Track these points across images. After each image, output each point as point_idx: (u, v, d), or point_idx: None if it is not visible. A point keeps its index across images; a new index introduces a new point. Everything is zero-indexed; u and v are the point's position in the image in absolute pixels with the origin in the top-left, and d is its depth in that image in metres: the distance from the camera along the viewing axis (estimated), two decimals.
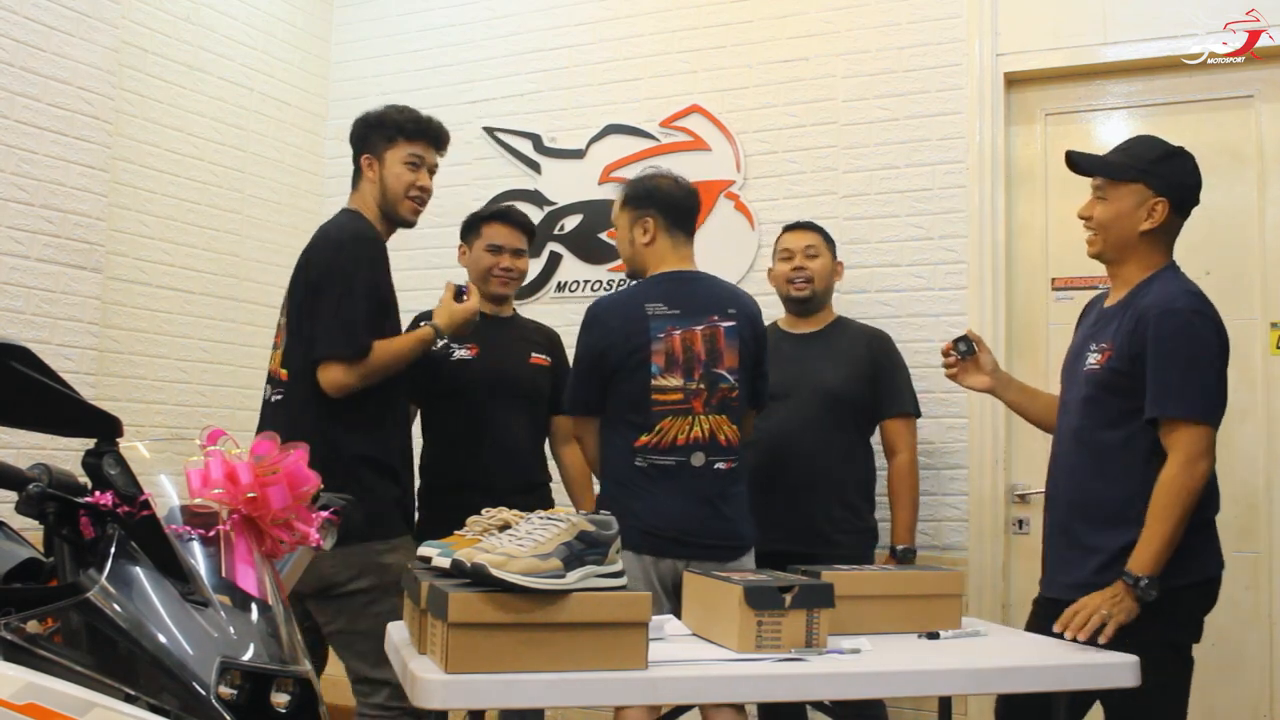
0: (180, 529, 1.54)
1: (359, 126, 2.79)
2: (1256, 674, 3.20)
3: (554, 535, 1.75)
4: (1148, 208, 2.30)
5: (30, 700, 1.31)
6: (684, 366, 2.60)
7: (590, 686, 1.71)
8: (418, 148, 2.74)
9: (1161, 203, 2.30)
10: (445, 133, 2.83)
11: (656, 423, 2.58)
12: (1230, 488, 3.25)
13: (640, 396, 2.59)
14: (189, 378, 3.86)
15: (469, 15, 4.32)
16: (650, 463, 2.58)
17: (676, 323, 2.62)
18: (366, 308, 2.55)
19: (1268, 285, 3.26)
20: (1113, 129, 3.49)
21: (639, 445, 2.59)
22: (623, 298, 2.77)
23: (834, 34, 3.73)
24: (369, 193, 2.75)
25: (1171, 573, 2.14)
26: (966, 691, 2.74)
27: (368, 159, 2.74)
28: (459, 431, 3.05)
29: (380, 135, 2.74)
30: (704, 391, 2.61)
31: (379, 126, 2.75)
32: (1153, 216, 2.30)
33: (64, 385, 1.49)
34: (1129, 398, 2.24)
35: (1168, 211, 2.30)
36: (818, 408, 3.09)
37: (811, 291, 3.19)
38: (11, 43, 3.11)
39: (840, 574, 2.21)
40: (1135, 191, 2.31)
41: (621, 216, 2.77)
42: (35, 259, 3.16)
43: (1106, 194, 2.35)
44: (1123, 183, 2.32)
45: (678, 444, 2.58)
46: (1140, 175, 2.31)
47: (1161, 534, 2.13)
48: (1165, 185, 2.31)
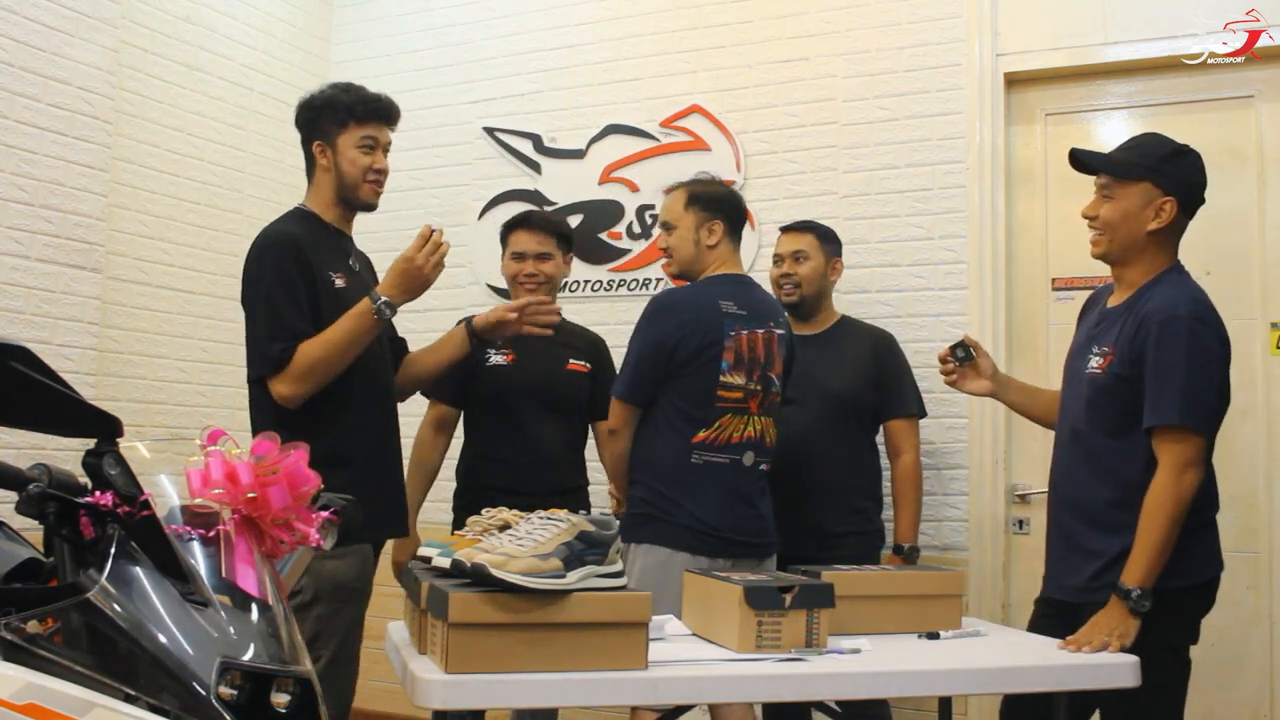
0: (180, 529, 1.54)
1: (305, 111, 2.67)
2: (1256, 674, 3.20)
3: (554, 535, 1.75)
4: (1155, 207, 2.27)
5: (30, 700, 1.31)
6: (748, 366, 2.66)
7: (590, 686, 1.71)
8: (370, 129, 2.64)
9: (1170, 202, 2.26)
10: (396, 109, 2.72)
11: (717, 419, 2.62)
12: (1230, 488, 3.25)
13: (706, 391, 2.62)
14: (189, 378, 3.86)
15: (469, 15, 4.32)
16: (705, 459, 2.61)
17: (744, 323, 2.67)
18: (274, 315, 2.45)
19: (1268, 285, 3.26)
20: (1113, 129, 3.49)
21: (696, 441, 2.61)
22: (693, 293, 2.75)
23: (834, 34, 3.73)
24: (324, 182, 2.65)
25: (1169, 575, 2.14)
26: (966, 691, 2.74)
27: (320, 146, 2.64)
28: (494, 437, 3.04)
29: (330, 120, 2.62)
30: (759, 393, 2.68)
31: (328, 110, 2.63)
32: (1160, 216, 2.27)
33: (64, 385, 1.49)
34: (1129, 403, 2.23)
35: (1176, 211, 2.27)
36: (823, 411, 3.08)
37: (800, 297, 3.18)
38: (11, 43, 3.11)
39: (840, 574, 2.21)
40: (1143, 190, 2.27)
41: (686, 216, 2.79)
42: (35, 259, 3.16)
43: (1113, 193, 2.31)
44: (1130, 181, 2.28)
45: (733, 441, 2.63)
46: (1148, 173, 2.27)
47: (1152, 544, 2.13)
48: (1173, 184, 2.27)
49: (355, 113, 2.62)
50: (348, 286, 2.56)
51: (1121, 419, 2.25)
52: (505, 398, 3.02)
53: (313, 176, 2.68)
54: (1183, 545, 2.16)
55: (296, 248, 2.52)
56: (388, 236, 4.30)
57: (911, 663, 1.96)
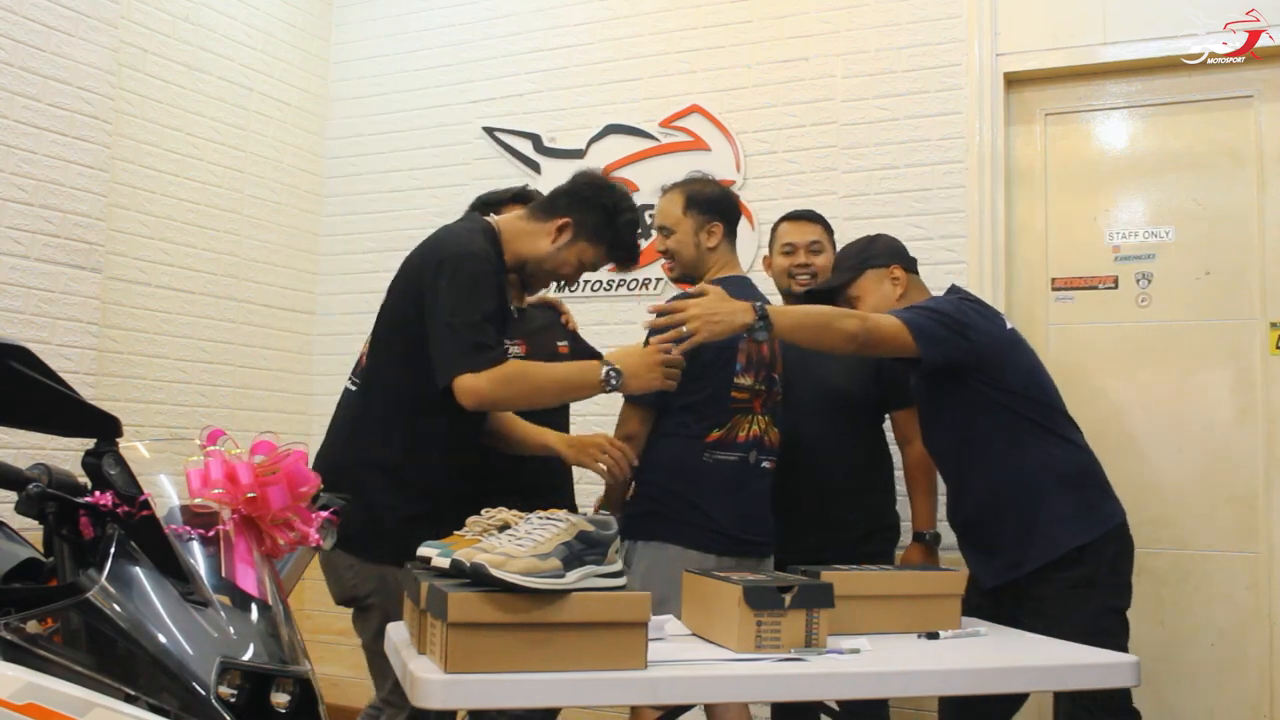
0: (180, 529, 1.54)
1: (592, 194, 2.52)
2: (1256, 674, 3.21)
3: (553, 535, 1.75)
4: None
5: (30, 700, 1.31)
6: (756, 367, 2.67)
7: (590, 686, 1.71)
8: (601, 263, 2.57)
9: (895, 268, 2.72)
10: (636, 260, 2.65)
11: (730, 419, 2.63)
12: (1230, 488, 3.27)
13: (721, 391, 2.62)
14: (189, 378, 3.87)
15: (469, 15, 4.32)
16: (715, 459, 2.62)
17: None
18: (491, 320, 2.34)
19: (1268, 285, 3.26)
20: (1113, 129, 3.50)
21: (710, 440, 2.62)
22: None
23: (834, 34, 3.74)
24: (536, 245, 2.49)
25: (1069, 538, 2.41)
26: (966, 691, 2.73)
27: (570, 227, 2.48)
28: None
29: (597, 225, 2.49)
30: (763, 393, 2.70)
31: (606, 221, 2.50)
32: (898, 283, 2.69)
33: (64, 385, 1.50)
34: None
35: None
36: (826, 408, 3.02)
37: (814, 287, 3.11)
38: (11, 42, 3.11)
39: (840, 574, 2.21)
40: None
41: (685, 220, 2.79)
42: (35, 259, 3.16)
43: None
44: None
45: (738, 440, 2.64)
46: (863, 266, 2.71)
47: (800, 315, 2.49)
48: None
49: (614, 251, 2.55)
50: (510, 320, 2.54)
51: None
52: None
53: (532, 223, 2.51)
54: (1057, 514, 2.42)
55: (495, 266, 2.42)
56: (388, 236, 4.33)
57: (911, 663, 1.96)
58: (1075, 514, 2.44)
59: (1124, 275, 3.43)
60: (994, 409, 2.49)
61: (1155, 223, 3.42)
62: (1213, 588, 3.27)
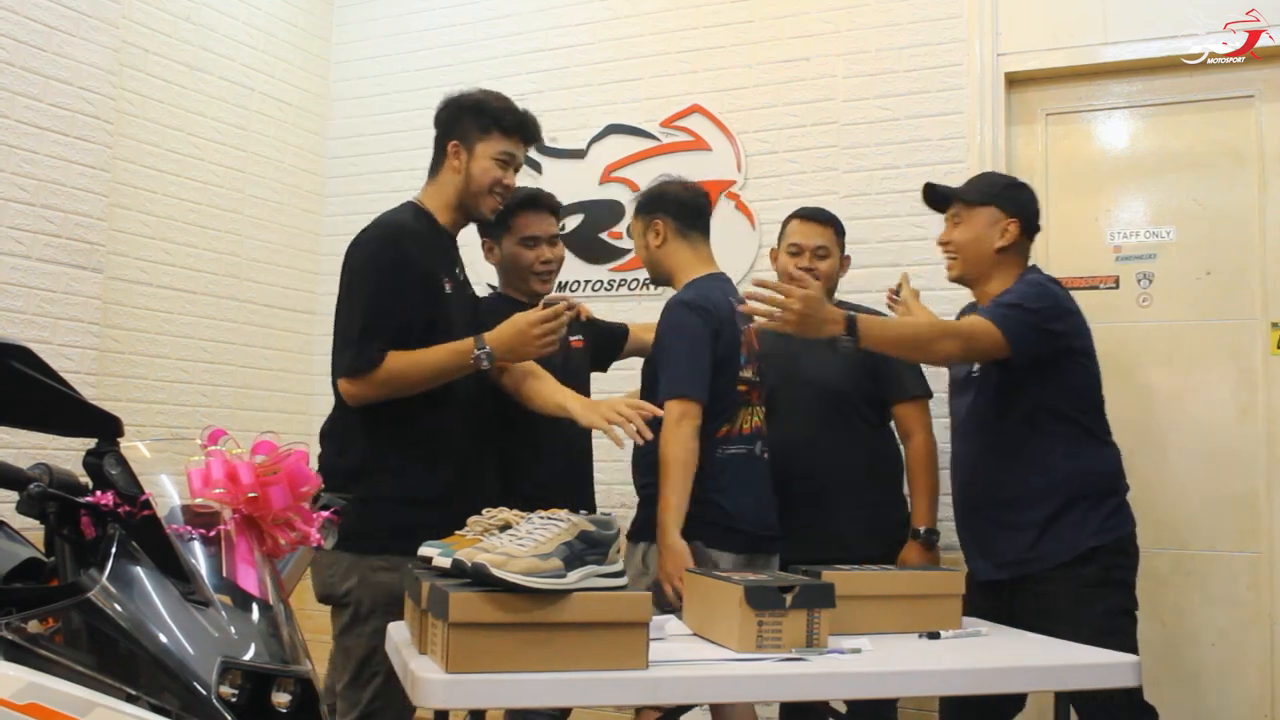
0: (181, 529, 1.54)
1: (451, 108, 2.57)
2: (1257, 674, 3.20)
3: (554, 535, 1.75)
4: (1000, 228, 2.60)
5: (32, 700, 1.31)
6: (754, 358, 2.70)
7: (590, 686, 1.71)
8: (512, 144, 2.53)
9: (1013, 223, 2.60)
10: (539, 129, 2.62)
11: (736, 412, 2.63)
12: (1230, 488, 3.27)
13: (728, 386, 2.61)
14: (190, 378, 3.87)
15: (469, 15, 4.32)
16: (727, 453, 2.61)
17: (744, 319, 2.67)
18: (376, 312, 2.36)
19: (1268, 285, 3.26)
20: (1113, 129, 3.50)
21: (720, 435, 2.60)
22: (709, 290, 2.67)
23: (834, 34, 3.74)
24: (449, 183, 2.52)
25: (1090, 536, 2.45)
26: (967, 691, 2.73)
27: (455, 145, 2.52)
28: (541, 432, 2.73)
29: (474, 123, 2.52)
30: (759, 384, 2.72)
31: (475, 113, 2.53)
32: (1005, 236, 2.60)
33: (65, 385, 1.50)
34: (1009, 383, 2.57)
35: (1018, 232, 2.61)
36: (820, 407, 3.00)
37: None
38: (12, 42, 3.12)
39: (840, 574, 2.21)
40: (989, 213, 2.61)
41: (635, 225, 2.79)
42: (36, 259, 3.16)
43: (961, 218, 2.65)
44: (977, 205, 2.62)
45: (744, 433, 2.64)
46: (992, 199, 2.61)
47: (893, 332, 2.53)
48: (1016, 208, 2.62)
49: (503, 123, 2.53)
50: (453, 294, 2.50)
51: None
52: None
53: (436, 174, 2.56)
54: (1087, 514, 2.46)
55: (411, 243, 2.43)
56: None
57: (912, 663, 1.96)
58: (1101, 517, 2.47)
59: (1125, 275, 3.43)
60: (1056, 408, 2.52)
61: (1156, 223, 3.42)
62: (1213, 588, 3.27)
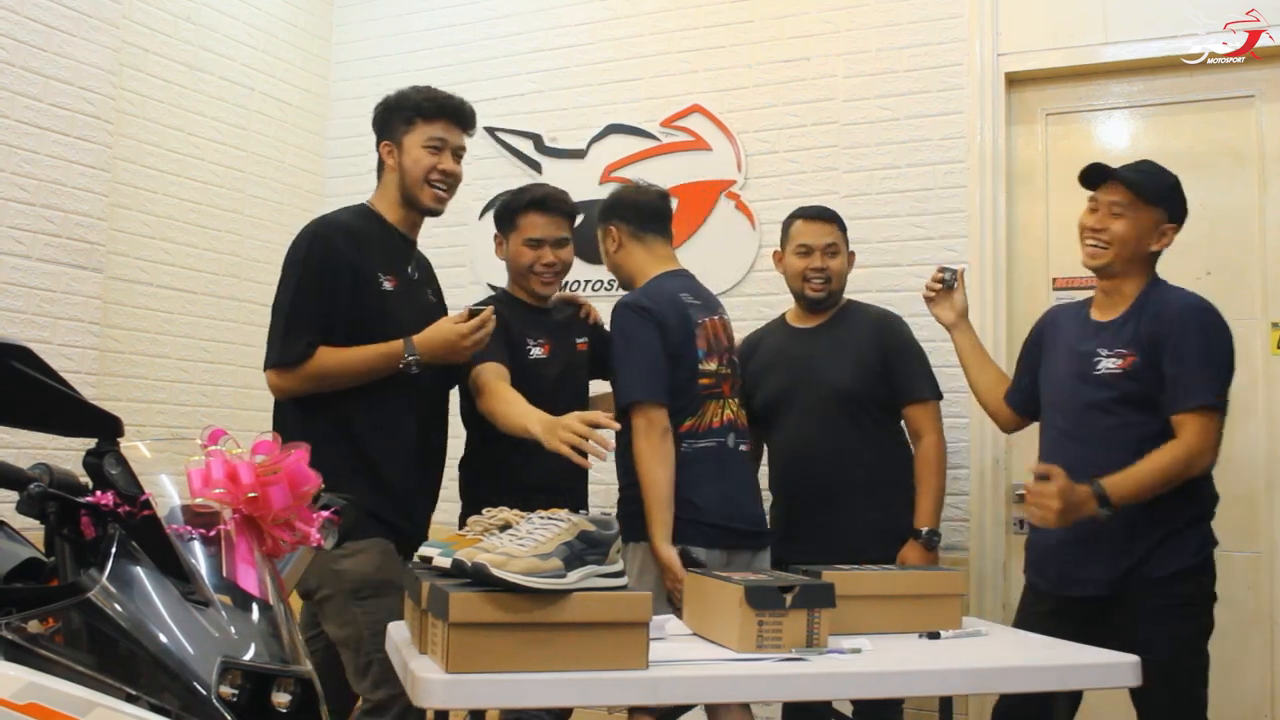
0: (181, 529, 1.54)
1: (379, 112, 2.65)
2: (1257, 674, 3.20)
3: (554, 535, 1.75)
4: (1161, 230, 2.50)
5: (31, 700, 1.31)
6: (717, 352, 2.68)
7: (590, 686, 1.71)
8: (437, 129, 2.57)
9: (1173, 228, 2.51)
10: (469, 111, 2.65)
11: (700, 406, 2.61)
12: (1230, 488, 3.25)
13: (687, 381, 2.61)
14: (190, 377, 3.87)
15: (469, 15, 4.32)
16: (694, 447, 2.59)
17: (703, 312, 2.68)
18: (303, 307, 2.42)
19: (1268, 285, 3.26)
20: (1113, 129, 3.50)
21: (684, 430, 2.58)
22: (655, 288, 2.67)
23: (834, 34, 3.73)
24: (390, 183, 2.59)
25: (1182, 556, 2.39)
26: (967, 691, 2.74)
27: (387, 145, 2.59)
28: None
29: (398, 118, 2.58)
30: (729, 376, 2.70)
31: (396, 109, 2.60)
32: (1164, 239, 2.50)
33: (65, 385, 1.50)
34: (1150, 396, 2.40)
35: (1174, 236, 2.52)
36: (828, 409, 2.97)
37: (828, 292, 3.04)
38: (12, 42, 3.12)
39: (841, 574, 2.21)
40: (1156, 215, 2.49)
41: (598, 235, 2.82)
42: (36, 259, 3.16)
43: (1126, 211, 2.48)
44: (1149, 204, 2.48)
45: (714, 426, 2.63)
46: (1162, 200, 2.49)
47: (1142, 484, 2.33)
48: (1180, 212, 2.52)
49: (423, 110, 2.57)
50: (397, 290, 2.51)
51: (1141, 412, 2.41)
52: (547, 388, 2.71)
53: (380, 178, 2.64)
54: (1183, 534, 2.39)
55: (344, 239, 2.48)
56: None
57: (912, 663, 1.96)
58: (1199, 538, 2.45)
59: None
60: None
61: None
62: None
